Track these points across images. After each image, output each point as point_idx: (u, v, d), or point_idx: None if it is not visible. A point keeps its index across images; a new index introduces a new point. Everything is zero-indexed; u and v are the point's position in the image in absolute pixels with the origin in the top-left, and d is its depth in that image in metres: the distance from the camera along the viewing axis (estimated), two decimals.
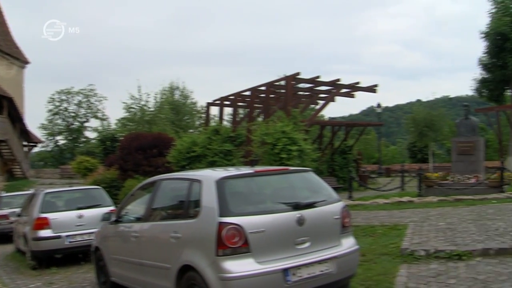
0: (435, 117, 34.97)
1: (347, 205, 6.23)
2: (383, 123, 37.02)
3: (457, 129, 19.59)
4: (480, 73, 35.91)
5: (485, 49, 34.70)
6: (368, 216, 12.56)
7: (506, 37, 31.85)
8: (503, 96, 36.13)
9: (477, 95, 38.44)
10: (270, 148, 13.15)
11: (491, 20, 33.67)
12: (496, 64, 33.76)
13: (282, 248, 5.34)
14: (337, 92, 16.74)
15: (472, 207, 12.81)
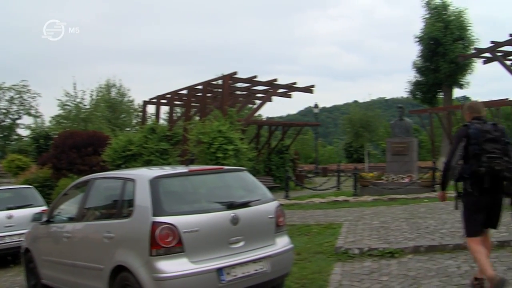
0: (371, 118, 35.78)
1: (282, 205, 6.28)
2: (320, 123, 37.56)
3: (392, 130, 20.11)
4: (414, 76, 37.02)
5: (419, 53, 35.81)
6: (304, 215, 12.70)
7: (438, 42, 33.02)
8: (436, 99, 37.33)
9: (411, 97, 39.55)
10: (206, 147, 13.11)
11: (425, 25, 34.83)
12: (429, 67, 34.89)
13: (216, 247, 5.32)
14: (274, 92, 16.85)
15: (405, 206, 13.17)
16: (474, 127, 5.52)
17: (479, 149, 5.36)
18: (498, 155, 5.31)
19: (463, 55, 19.95)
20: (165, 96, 19.07)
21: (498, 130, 5.50)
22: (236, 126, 14.09)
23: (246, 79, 16.32)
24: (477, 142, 5.39)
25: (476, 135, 5.43)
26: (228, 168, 6.99)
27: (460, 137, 5.58)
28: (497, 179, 5.32)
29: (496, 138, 5.42)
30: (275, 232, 5.95)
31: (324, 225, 10.84)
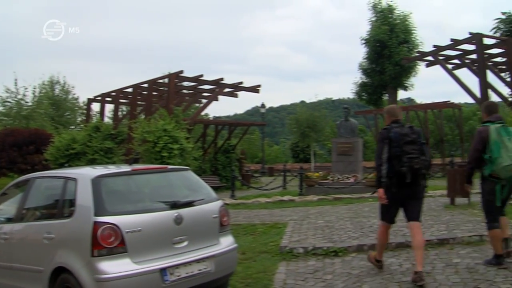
0: (317, 118, 36.15)
1: (228, 204, 6.29)
2: (266, 123, 37.81)
3: (338, 130, 20.45)
4: (360, 78, 37.75)
5: (365, 55, 36.50)
6: (250, 215, 12.74)
7: (384, 44, 33.72)
8: (381, 100, 38.13)
9: (357, 98, 40.29)
10: (151, 146, 12.98)
11: (371, 28, 35.53)
12: (375, 69, 35.62)
13: (159, 247, 5.27)
14: (220, 91, 16.83)
15: (350, 205, 13.41)
16: (394, 130, 6.24)
17: (400, 151, 6.09)
18: (416, 155, 6.09)
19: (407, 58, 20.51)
20: (110, 94, 18.76)
21: (415, 133, 6.29)
22: (181, 125, 14.01)
23: (193, 78, 16.23)
24: (398, 145, 6.13)
25: (397, 138, 6.16)
26: (172, 167, 6.93)
27: (384, 140, 6.27)
28: (416, 175, 6.11)
29: (414, 140, 6.20)
30: (219, 231, 5.95)
31: (269, 224, 10.91)
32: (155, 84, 16.31)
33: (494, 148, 6.32)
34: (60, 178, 6.05)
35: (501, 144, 6.29)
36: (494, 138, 6.35)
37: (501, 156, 6.26)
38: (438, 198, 13.77)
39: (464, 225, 9.03)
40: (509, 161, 6.20)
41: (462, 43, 13.13)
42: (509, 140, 6.30)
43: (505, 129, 6.40)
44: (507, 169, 6.24)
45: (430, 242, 8.08)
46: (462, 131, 31.38)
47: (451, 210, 11.11)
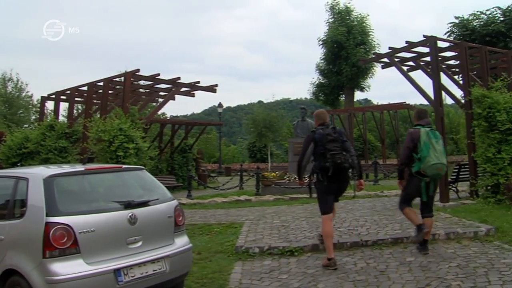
0: (274, 118, 36.29)
1: (184, 204, 6.28)
2: (223, 123, 37.76)
3: (294, 130, 20.62)
4: (318, 78, 38.05)
5: (322, 56, 36.81)
6: (206, 215, 12.72)
7: (341, 46, 34.11)
8: (338, 101, 38.56)
9: (314, 99, 40.57)
10: (106, 145, 12.80)
11: (329, 29, 35.87)
12: (332, 70, 35.99)
13: (113, 248, 5.22)
14: (177, 90, 16.67)
15: (306, 205, 13.52)
16: (319, 132, 7.28)
17: (323, 149, 7.12)
18: (338, 151, 7.09)
19: (364, 59, 20.87)
20: (64, 92, 18.37)
21: (337, 132, 7.29)
22: (137, 125, 13.85)
23: (149, 77, 16.04)
24: (322, 144, 7.15)
25: (321, 139, 7.18)
26: (126, 167, 6.85)
27: (309, 142, 7.38)
28: (340, 169, 7.07)
29: (336, 138, 7.19)
30: (174, 231, 5.93)
31: (226, 224, 10.91)
32: (110, 83, 16.04)
33: (424, 148, 7.24)
34: (11, 178, 5.90)
35: (430, 145, 7.23)
36: (424, 140, 7.28)
37: (430, 155, 7.19)
38: (393, 198, 14.03)
39: None
40: (436, 160, 7.17)
41: (416, 45, 13.37)
42: (436, 142, 7.30)
43: (433, 133, 7.40)
44: (433, 167, 7.18)
45: (384, 241, 8.26)
46: None
47: None
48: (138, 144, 13.10)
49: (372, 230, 9.04)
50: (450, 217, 9.91)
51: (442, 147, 7.40)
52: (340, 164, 7.05)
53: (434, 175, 7.32)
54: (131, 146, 12.78)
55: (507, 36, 26.68)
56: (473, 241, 8.11)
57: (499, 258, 6.92)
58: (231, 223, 10.97)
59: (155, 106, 20.24)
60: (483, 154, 11.86)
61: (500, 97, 11.81)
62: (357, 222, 10.00)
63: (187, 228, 6.38)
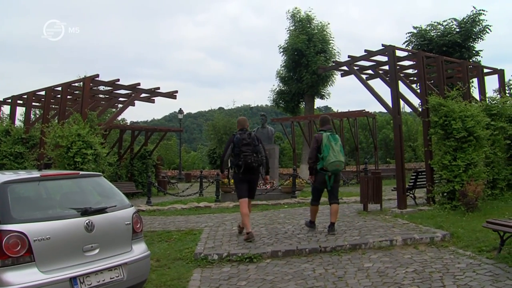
0: (235, 124, 36.20)
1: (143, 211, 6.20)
2: (183, 129, 37.56)
3: None
4: (278, 85, 38.06)
5: (283, 63, 36.90)
6: (165, 222, 12.62)
7: (302, 53, 34.24)
8: (298, 108, 38.66)
9: (275, 106, 40.60)
10: (64, 151, 12.59)
11: (289, 37, 35.97)
12: (293, 77, 36.07)
13: (69, 255, 5.12)
14: (137, 96, 16.51)
15: (266, 212, 13.58)
16: (237, 136, 9.44)
17: (239, 150, 9.30)
18: (249, 153, 9.30)
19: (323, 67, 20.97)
20: (21, 97, 17.99)
21: (251, 138, 9.46)
22: (96, 130, 13.67)
23: (108, 82, 15.85)
24: (238, 146, 9.32)
25: (238, 142, 9.35)
26: (84, 173, 6.73)
27: (229, 143, 9.51)
28: (250, 167, 9.31)
29: (249, 142, 9.37)
30: (132, 238, 5.87)
31: (185, 231, 10.85)
32: (69, 88, 15.78)
33: (325, 149, 9.26)
34: None
35: (330, 147, 9.25)
36: (325, 142, 9.31)
37: (329, 155, 9.19)
38: (352, 205, 14.19)
39: (376, 231, 9.35)
40: (334, 159, 9.17)
41: (375, 54, 13.55)
42: (335, 144, 9.31)
43: (333, 136, 9.41)
44: (333, 164, 9.20)
45: (343, 248, 8.32)
46: (376, 139, 32.33)
47: (364, 216, 11.47)
48: (97, 150, 12.94)
49: (331, 237, 9.11)
50: (408, 223, 10.06)
51: (340, 147, 9.38)
52: (250, 163, 9.27)
53: (334, 170, 9.34)
54: (90, 152, 12.61)
55: (463, 46, 27.56)
56: (429, 247, 8.25)
57: (454, 263, 7.06)
58: (190, 230, 10.92)
59: (115, 111, 20.00)
60: (440, 161, 12.07)
61: (456, 105, 12.05)
62: (320, 227, 10.06)
63: (146, 235, 6.32)
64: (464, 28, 28.02)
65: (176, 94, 17.59)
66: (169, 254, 8.80)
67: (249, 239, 9.13)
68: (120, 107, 18.31)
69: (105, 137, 14.66)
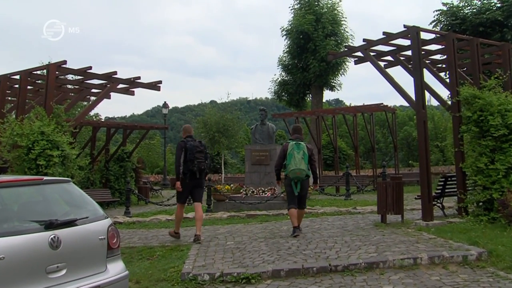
0: (229, 121, 36.17)
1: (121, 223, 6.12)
2: (168, 126, 37.47)
3: (252, 136, 20.56)
4: (280, 75, 38.01)
5: (286, 49, 36.81)
6: (147, 236, 12.57)
7: (308, 37, 34.07)
8: (304, 101, 38.56)
9: (276, 99, 40.49)
10: (24, 152, 12.49)
11: (294, 17, 35.82)
12: (297, 65, 36.01)
13: (29, 278, 5.00)
14: (113, 87, 16.38)
15: (266, 223, 13.56)
16: (190, 144, 11.36)
17: (193, 157, 11.23)
18: (202, 160, 11.36)
19: (334, 53, 20.88)
20: None
21: (202, 145, 11.59)
22: (64, 128, 13.57)
23: (79, 71, 15.72)
24: (192, 153, 11.24)
25: (192, 149, 11.27)
26: (49, 179, 6.62)
27: (182, 149, 11.34)
28: (201, 173, 11.39)
29: (202, 150, 11.46)
30: (107, 256, 5.81)
31: (170, 247, 10.79)
32: (30, 76, 15.62)
33: (288, 157, 11.24)
34: None
35: (292, 155, 11.17)
36: (289, 151, 11.26)
37: (291, 163, 11.14)
38: (367, 216, 14.13)
39: (397, 246, 9.27)
40: (294, 166, 11.08)
41: (396, 37, 13.49)
42: (297, 153, 11.17)
43: (297, 145, 11.30)
44: (293, 172, 11.11)
45: (357, 266, 8.24)
46: (396, 138, 32.21)
47: (382, 229, 11.40)
48: (65, 151, 12.84)
49: (343, 253, 9.04)
50: (435, 238, 9.99)
51: (302, 156, 11.17)
52: (203, 169, 11.40)
53: (294, 177, 11.19)
54: (56, 153, 12.51)
55: (504, 25, 26.44)
56: (462, 267, 8.16)
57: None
58: (176, 246, 10.86)
59: (86, 105, 19.94)
60: (474, 165, 11.94)
61: (494, 97, 11.85)
62: (325, 243, 10.00)
63: (123, 252, 6.25)
64: (507, 2, 26.76)
65: (160, 85, 17.51)
66: (151, 274, 8.73)
67: (175, 237, 11.76)
68: (92, 100, 18.23)
69: (74, 135, 14.61)
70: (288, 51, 36.69)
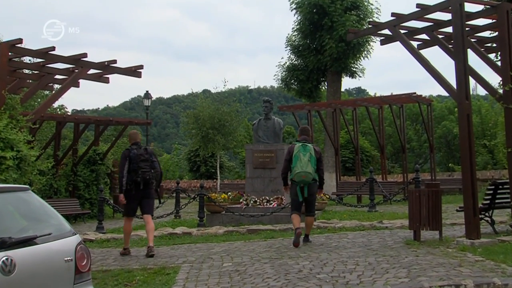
0: (226, 115, 36.16)
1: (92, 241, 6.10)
2: (151, 121, 37.31)
3: (254, 133, 20.50)
4: (289, 58, 37.88)
5: (296, 26, 36.69)
6: (125, 256, 12.57)
7: (324, 11, 33.89)
8: (318, 91, 38.46)
9: (284, 88, 40.33)
10: None
11: None
12: (310, 46, 35.89)
13: None
14: (82, 73, 16.31)
15: (271, 240, 13.59)
16: (133, 152, 12.51)
17: (137, 166, 12.38)
18: (147, 169, 12.52)
19: (354, 31, 20.71)
20: None
21: (148, 153, 12.71)
22: (20, 123, 13.58)
23: (38, 52, 15.67)
24: (136, 162, 12.40)
25: (135, 158, 12.42)
26: (2, 186, 6.58)
27: (125, 158, 12.49)
28: (147, 183, 12.53)
29: (146, 158, 12.59)
30: (74, 282, 5.82)
31: (154, 269, 10.77)
32: None
33: (294, 160, 12.48)
34: None
35: (298, 157, 12.40)
36: (295, 153, 12.52)
37: (297, 165, 12.37)
38: (396, 231, 14.11)
39: (434, 270, 9.21)
40: (300, 169, 12.31)
41: (433, 10, 13.39)
42: (304, 155, 12.42)
43: (303, 147, 12.57)
44: (299, 175, 12.35)
45: None
46: (432, 135, 32.05)
47: (415, 248, 11.36)
48: (21, 152, 12.87)
49: (366, 278, 9.00)
50: (482, 260, 9.90)
51: (308, 158, 12.41)
52: (148, 179, 12.55)
53: (300, 181, 12.45)
54: (9, 154, 12.55)
55: None
56: None
57: None
58: (161, 268, 10.85)
59: (49, 95, 19.93)
60: None
61: None
62: (344, 266, 9.95)
63: (95, 276, 6.23)
64: None
65: (140, 71, 17.47)
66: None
67: (126, 254, 12.70)
68: (56, 89, 18.23)
69: (33, 132, 14.57)
70: (299, 29, 36.62)
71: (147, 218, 12.73)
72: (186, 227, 16.90)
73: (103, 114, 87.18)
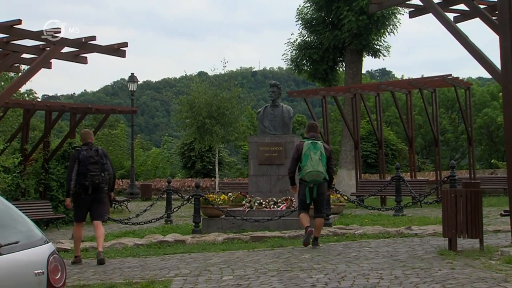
0: (226, 102, 36.14)
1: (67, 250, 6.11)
2: (137, 109, 37.25)
3: (259, 123, 20.48)
4: (300, 35, 37.83)
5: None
6: (106, 269, 12.59)
7: None
8: (335, 73, 38.37)
9: (294, 69, 40.23)
10: None
11: None
12: (326, 20, 35.84)
13: None
14: (55, 52, 16.28)
15: (279, 249, 13.60)
16: (83, 154, 13.17)
17: (85, 169, 13.03)
18: (97, 173, 13.17)
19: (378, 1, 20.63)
20: None
21: (98, 155, 13.36)
22: None
23: (3, 26, 15.68)
24: (84, 165, 13.05)
25: (84, 160, 13.07)
26: None
27: (74, 159, 13.22)
28: (97, 187, 13.21)
29: (97, 161, 13.24)
30: None
31: (140, 284, 10.75)
32: None
33: (303, 159, 13.35)
34: None
35: (308, 156, 13.27)
36: (304, 151, 13.38)
37: (307, 164, 13.20)
38: (428, 239, 14.10)
39: (473, 286, 9.17)
40: (311, 168, 13.12)
41: None
42: (314, 153, 13.27)
43: (313, 145, 13.44)
44: (310, 174, 13.17)
45: None
46: (471, 125, 31.95)
47: (451, 260, 11.33)
48: None
49: None
50: None
51: (319, 157, 13.31)
52: (98, 184, 13.22)
53: (311, 181, 13.31)
54: None
55: None
56: None
57: None
58: (149, 282, 10.83)
59: (14, 78, 19.95)
60: None
61: None
62: (365, 279, 9.94)
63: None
64: None
65: (124, 49, 17.41)
66: None
67: (77, 263, 13.23)
68: (24, 71, 18.23)
69: None
70: (312, 0, 36.61)
71: (97, 224, 13.55)
72: (179, 234, 16.93)
73: (80, 101, 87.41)
